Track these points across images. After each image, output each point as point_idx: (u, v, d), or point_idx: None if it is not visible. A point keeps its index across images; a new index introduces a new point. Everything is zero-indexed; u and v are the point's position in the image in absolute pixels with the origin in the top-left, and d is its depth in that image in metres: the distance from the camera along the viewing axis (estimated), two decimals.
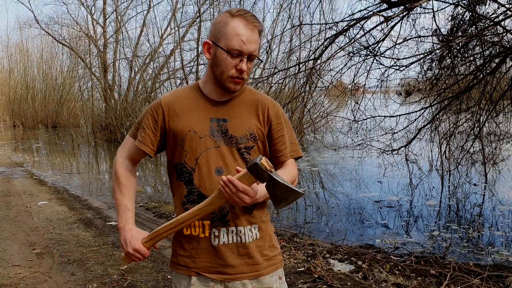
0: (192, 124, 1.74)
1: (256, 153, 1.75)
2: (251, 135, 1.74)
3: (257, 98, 1.82)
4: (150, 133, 1.80)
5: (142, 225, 6.07)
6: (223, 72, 1.68)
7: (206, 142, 1.72)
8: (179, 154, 1.76)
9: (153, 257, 4.73)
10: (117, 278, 4.13)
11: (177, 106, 1.79)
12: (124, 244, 1.72)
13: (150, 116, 1.81)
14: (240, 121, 1.75)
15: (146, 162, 14.69)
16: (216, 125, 1.74)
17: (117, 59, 22.15)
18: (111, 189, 1.90)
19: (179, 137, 1.75)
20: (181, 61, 17.59)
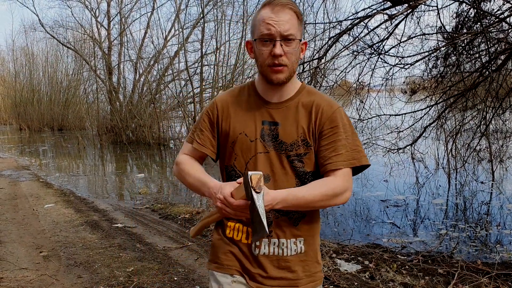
0: (244, 126, 1.67)
1: (311, 160, 1.62)
2: (303, 141, 1.61)
3: (313, 100, 1.66)
4: (209, 134, 1.74)
5: (148, 226, 6.08)
6: (261, 64, 1.59)
7: (256, 146, 1.64)
8: (229, 156, 1.70)
9: (159, 258, 4.73)
10: (124, 280, 4.13)
11: (231, 106, 1.72)
12: (212, 195, 1.58)
13: (206, 117, 1.75)
14: (292, 125, 1.63)
15: (152, 164, 14.71)
16: (268, 128, 1.64)
17: (121, 61, 22.22)
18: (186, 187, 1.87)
19: (230, 139, 1.68)
20: (185, 62, 17.62)
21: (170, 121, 20.68)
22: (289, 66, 1.57)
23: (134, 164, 14.69)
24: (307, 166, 1.62)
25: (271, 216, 1.63)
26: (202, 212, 6.60)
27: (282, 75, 1.57)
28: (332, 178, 1.58)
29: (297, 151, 1.61)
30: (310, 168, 1.63)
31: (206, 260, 4.62)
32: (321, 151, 1.62)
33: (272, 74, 1.57)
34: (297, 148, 1.61)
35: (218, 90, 17.10)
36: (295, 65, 1.59)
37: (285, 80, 1.58)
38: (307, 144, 1.61)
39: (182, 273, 4.30)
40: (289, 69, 1.57)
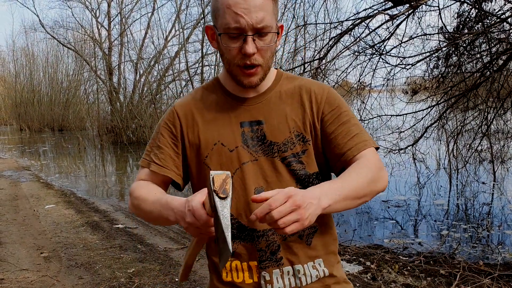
0: (218, 134, 1.33)
1: (311, 159, 1.31)
2: (297, 136, 1.30)
3: (298, 85, 1.36)
4: (170, 152, 1.37)
5: (149, 227, 6.07)
6: (229, 62, 1.26)
7: (239, 156, 1.30)
8: (205, 177, 1.28)
9: (160, 259, 4.72)
10: (125, 281, 4.12)
11: (197, 111, 1.37)
12: (180, 217, 1.14)
13: (165, 131, 1.39)
14: (280, 119, 1.31)
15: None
16: (250, 130, 1.31)
17: (122, 61, 22.23)
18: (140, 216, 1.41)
19: (203, 154, 1.33)
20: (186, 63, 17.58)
21: None
22: (263, 65, 1.27)
23: (134, 165, 14.68)
24: (309, 166, 1.31)
25: (277, 239, 1.29)
26: None
27: (255, 78, 1.27)
28: (364, 160, 1.25)
29: (293, 150, 1.30)
30: (312, 168, 1.31)
31: (206, 261, 4.60)
32: (331, 140, 1.30)
33: (244, 78, 1.27)
34: (292, 147, 1.30)
35: None
36: (270, 61, 1.29)
37: (259, 82, 1.29)
38: (304, 139, 1.31)
39: None
40: (264, 68, 1.28)
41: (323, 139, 1.32)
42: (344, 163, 1.28)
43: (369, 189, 1.21)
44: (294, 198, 1.02)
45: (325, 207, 1.09)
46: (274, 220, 1.00)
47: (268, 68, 1.30)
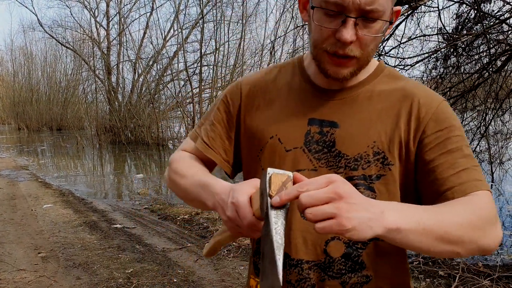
0: (278, 126, 1.08)
1: (388, 189, 1.01)
2: (376, 154, 1.00)
3: (399, 87, 1.05)
4: (222, 132, 1.17)
5: (147, 227, 6.06)
6: (316, 43, 0.99)
7: (295, 159, 1.05)
8: (254, 172, 1.11)
9: (159, 260, 4.70)
10: (123, 282, 4.11)
11: (263, 92, 1.13)
12: (220, 207, 0.95)
13: (223, 106, 1.18)
14: (360, 127, 1.02)
15: (151, 164, 14.66)
16: (318, 130, 1.04)
17: (120, 61, 22.21)
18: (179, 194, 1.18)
19: (257, 147, 1.10)
20: (184, 63, 17.59)
21: (169, 121, 20.64)
22: (360, 59, 0.98)
23: (133, 164, 14.66)
24: (381, 196, 1.00)
25: (313, 276, 1.02)
26: (202, 213, 6.57)
27: (345, 70, 0.99)
28: (472, 198, 0.92)
29: (365, 171, 1.00)
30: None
31: (205, 261, 4.61)
32: (429, 171, 0.97)
33: (330, 66, 0.99)
34: (366, 166, 1.00)
35: (217, 91, 17.08)
36: (371, 55, 1.00)
37: (348, 76, 1.01)
38: (384, 161, 1.00)
39: (181, 274, 4.28)
40: (360, 62, 0.99)
41: (419, 167, 0.99)
42: (443, 200, 0.94)
43: (469, 237, 0.85)
44: (336, 184, 0.75)
45: (391, 227, 0.77)
46: (301, 207, 0.75)
47: (367, 62, 1.02)
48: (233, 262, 4.56)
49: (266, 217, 0.78)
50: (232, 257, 4.69)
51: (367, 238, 0.76)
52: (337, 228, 0.73)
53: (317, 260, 1.03)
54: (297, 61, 1.16)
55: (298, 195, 0.76)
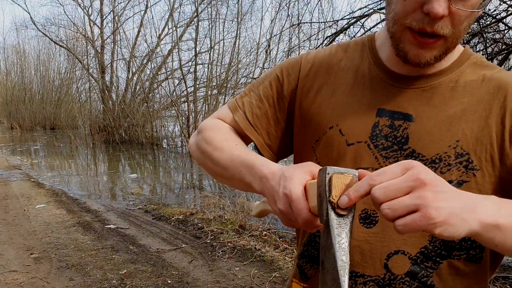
0: (340, 115, 0.93)
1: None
2: (459, 156, 0.84)
3: (492, 78, 0.88)
4: (270, 112, 1.02)
5: (141, 227, 6.00)
6: (397, 17, 0.83)
7: (357, 155, 0.90)
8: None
9: (153, 261, 4.65)
10: (117, 283, 4.05)
11: (324, 73, 0.98)
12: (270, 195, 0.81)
13: (276, 82, 1.02)
14: (441, 123, 0.86)
15: (145, 164, 14.59)
16: (388, 123, 0.89)
17: (114, 60, 22.09)
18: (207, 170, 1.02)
19: (312, 136, 0.97)
20: (179, 61, 17.50)
21: (163, 120, 20.57)
22: (450, 38, 0.82)
23: (127, 164, 14.57)
24: None
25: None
26: (196, 213, 6.52)
27: (430, 53, 0.83)
28: None
29: (444, 175, 0.84)
30: None
31: (200, 262, 4.55)
32: None
33: (411, 47, 0.83)
34: (445, 169, 0.85)
35: (212, 89, 17.02)
36: (462, 35, 0.83)
37: (432, 60, 0.84)
38: (468, 165, 0.84)
39: (176, 275, 4.22)
40: (448, 43, 0.83)
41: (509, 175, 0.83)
42: None
43: None
44: (416, 170, 0.62)
45: (489, 222, 0.65)
46: (376, 202, 0.63)
47: (455, 45, 0.85)
48: (228, 263, 4.52)
49: (327, 227, 0.66)
50: (228, 258, 4.65)
51: (461, 235, 0.63)
52: (423, 222, 0.60)
53: (374, 276, 0.88)
54: (367, 40, 1.00)
55: (369, 190, 0.63)
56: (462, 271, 0.86)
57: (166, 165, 14.16)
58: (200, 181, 10.29)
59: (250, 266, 4.38)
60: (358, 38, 1.03)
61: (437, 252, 0.85)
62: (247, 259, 4.57)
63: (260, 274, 4.19)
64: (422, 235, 0.86)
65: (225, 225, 5.75)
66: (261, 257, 4.61)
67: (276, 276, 4.11)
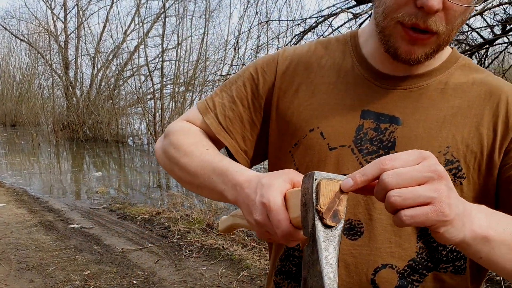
0: (321, 117, 0.87)
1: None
2: (449, 163, 0.81)
3: (482, 81, 0.85)
4: (244, 115, 0.95)
5: (106, 227, 5.86)
6: (387, 11, 0.78)
7: (340, 160, 0.85)
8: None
9: (118, 261, 4.54)
10: (80, 284, 3.94)
11: (304, 72, 0.92)
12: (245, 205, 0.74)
13: (250, 83, 0.96)
14: (430, 128, 0.82)
15: (110, 162, 14.32)
16: (374, 126, 0.84)
17: (79, 55, 21.60)
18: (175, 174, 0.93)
19: (290, 139, 0.91)
20: (145, 58, 17.25)
21: (129, 117, 20.26)
22: (442, 35, 0.78)
23: (91, 162, 14.27)
24: None
25: None
26: (163, 213, 6.42)
27: (421, 50, 0.79)
28: None
29: None
30: None
31: (166, 262, 4.48)
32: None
33: (403, 44, 0.79)
34: None
35: (179, 86, 16.86)
36: (454, 32, 0.80)
37: (423, 58, 0.80)
38: (458, 173, 0.81)
39: (141, 276, 4.14)
40: (441, 40, 0.79)
41: (501, 183, 0.80)
42: None
43: None
44: (433, 161, 0.58)
45: (479, 233, 0.62)
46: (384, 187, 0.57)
47: (447, 43, 0.81)
48: (195, 262, 4.46)
49: (313, 240, 0.59)
50: (195, 257, 4.59)
51: (456, 240, 0.60)
52: (435, 216, 0.56)
53: None
54: (350, 37, 0.94)
55: (378, 175, 0.57)
56: (448, 284, 0.83)
57: (132, 163, 13.94)
58: (167, 180, 10.17)
59: (217, 265, 4.34)
60: (340, 35, 0.98)
61: (424, 265, 0.82)
62: (214, 258, 4.52)
63: (228, 273, 4.15)
64: (410, 246, 0.81)
65: (192, 224, 5.68)
66: (229, 256, 4.57)
67: (244, 275, 4.08)
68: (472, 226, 0.61)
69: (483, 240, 0.62)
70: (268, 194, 0.67)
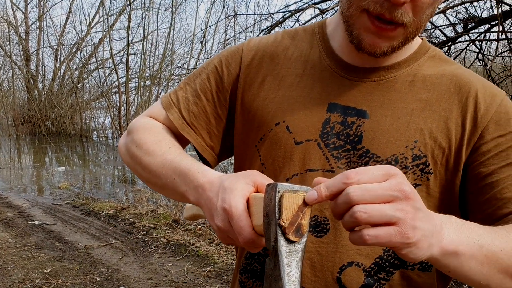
0: (286, 110, 0.85)
1: (425, 201, 0.65)
2: (416, 158, 0.79)
3: (451, 74, 0.83)
4: (209, 108, 0.92)
5: (69, 223, 5.72)
6: (351, 2, 0.76)
7: (306, 155, 0.82)
8: (251, 166, 0.89)
9: (80, 258, 4.44)
10: (40, 283, 3.83)
11: (269, 63, 0.90)
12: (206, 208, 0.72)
13: (214, 75, 0.93)
14: (398, 122, 0.80)
15: (73, 157, 14.00)
16: (340, 120, 0.82)
17: (40, 47, 20.99)
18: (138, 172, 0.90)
19: (255, 133, 0.88)
20: (110, 51, 16.94)
21: (93, 111, 19.88)
22: (408, 29, 0.75)
23: (54, 157, 13.91)
24: None
25: None
26: (128, 208, 6.32)
27: (387, 43, 0.77)
28: None
29: None
30: None
31: (131, 258, 4.41)
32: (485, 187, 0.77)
33: (367, 35, 0.76)
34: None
35: (145, 80, 16.61)
36: (423, 25, 0.77)
37: (388, 51, 0.78)
38: (425, 169, 0.79)
39: (105, 273, 4.06)
40: (407, 33, 0.76)
41: (470, 181, 0.79)
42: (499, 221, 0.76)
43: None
44: (400, 180, 0.55)
45: (448, 248, 0.60)
46: (346, 202, 0.54)
47: (414, 36, 0.78)
48: (161, 258, 4.40)
49: (275, 255, 0.57)
50: (160, 254, 4.53)
51: (421, 259, 0.58)
52: (398, 239, 0.53)
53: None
54: (317, 27, 0.91)
55: (343, 189, 0.55)
56: (415, 281, 0.82)
57: (96, 158, 13.67)
58: (132, 175, 10.00)
59: (183, 261, 4.30)
60: (307, 25, 0.95)
61: (391, 262, 0.80)
62: (180, 254, 4.48)
63: (194, 269, 4.12)
64: None
65: (158, 220, 5.61)
66: (195, 251, 4.54)
67: (210, 271, 4.05)
68: (441, 243, 0.60)
69: (452, 255, 0.61)
70: (230, 199, 0.65)
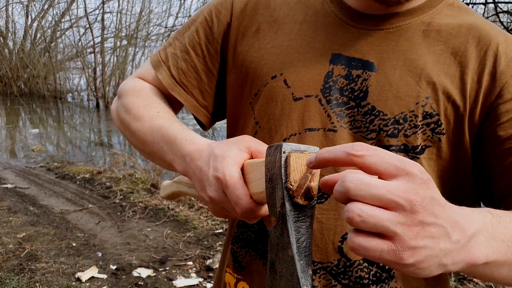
0: (285, 62, 0.75)
1: (435, 168, 0.71)
2: (428, 116, 0.69)
3: (470, 24, 0.72)
4: (199, 65, 0.83)
5: (43, 187, 5.57)
6: None
7: (306, 113, 0.73)
8: (245, 125, 0.81)
9: (56, 223, 4.33)
10: (14, 248, 3.72)
11: (265, 11, 0.80)
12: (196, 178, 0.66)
13: (204, 27, 0.83)
14: (408, 74, 0.70)
15: (48, 119, 13.65)
16: (344, 73, 0.72)
17: (10, 3, 20.14)
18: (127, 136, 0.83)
19: (249, 88, 0.79)
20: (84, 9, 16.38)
21: (67, 72, 19.36)
22: None
23: (27, 119, 13.56)
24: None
25: (318, 284, 0.74)
26: (104, 172, 6.17)
27: None
28: None
29: (408, 139, 0.70)
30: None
31: (108, 223, 4.31)
32: (501, 153, 0.68)
33: None
34: (410, 132, 0.70)
35: (121, 40, 16.13)
36: None
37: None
38: (436, 128, 0.70)
39: (81, 238, 3.96)
40: None
41: (486, 144, 0.70)
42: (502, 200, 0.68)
43: None
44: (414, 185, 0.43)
45: (477, 263, 0.49)
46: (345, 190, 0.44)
47: None
48: (139, 223, 4.31)
49: (282, 221, 0.51)
50: (138, 219, 4.44)
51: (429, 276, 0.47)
52: (389, 257, 0.43)
53: (326, 262, 0.73)
54: None
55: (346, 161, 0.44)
56: None
57: (71, 120, 13.37)
58: (109, 138, 9.81)
59: (162, 227, 4.22)
60: None
61: None
62: (159, 219, 4.39)
63: (174, 234, 4.04)
64: None
65: (135, 184, 5.49)
66: (175, 217, 4.46)
67: (190, 236, 3.99)
68: (468, 259, 0.48)
69: (480, 266, 0.50)
70: (223, 167, 0.60)
